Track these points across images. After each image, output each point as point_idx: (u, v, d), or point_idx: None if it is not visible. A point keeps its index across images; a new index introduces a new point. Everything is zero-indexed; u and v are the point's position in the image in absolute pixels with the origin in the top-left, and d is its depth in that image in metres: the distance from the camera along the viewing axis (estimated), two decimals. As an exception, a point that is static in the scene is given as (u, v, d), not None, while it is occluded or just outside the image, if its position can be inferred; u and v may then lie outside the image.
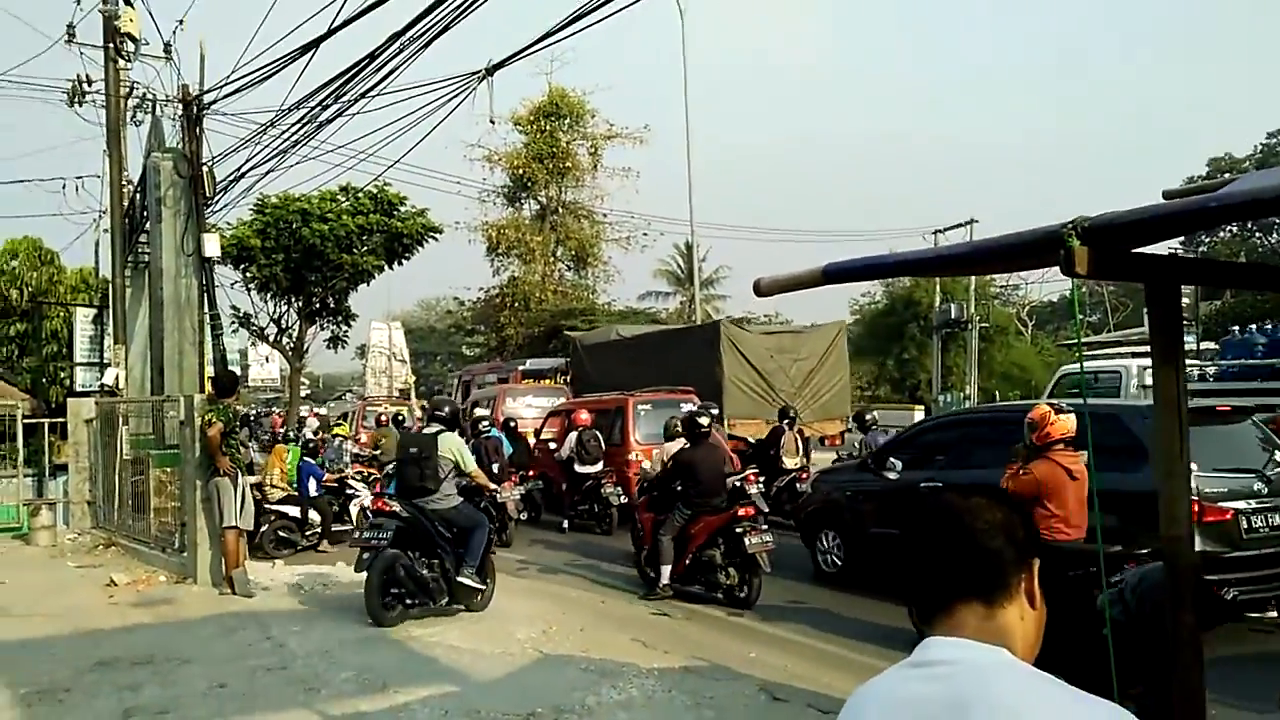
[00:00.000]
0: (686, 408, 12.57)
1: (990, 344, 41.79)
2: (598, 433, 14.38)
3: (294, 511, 12.76)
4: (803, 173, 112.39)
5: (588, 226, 39.08)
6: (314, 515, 12.86)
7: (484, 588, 8.54)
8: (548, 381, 22.34)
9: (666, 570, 9.28)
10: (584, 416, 14.46)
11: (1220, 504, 7.02)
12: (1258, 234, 46.86)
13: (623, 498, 13.53)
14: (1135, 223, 2.78)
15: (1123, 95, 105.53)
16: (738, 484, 9.51)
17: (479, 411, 14.96)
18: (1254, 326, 13.77)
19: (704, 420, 9.72)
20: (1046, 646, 1.45)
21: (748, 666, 6.81)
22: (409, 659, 6.99)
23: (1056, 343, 46.41)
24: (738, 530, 8.88)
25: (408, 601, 8.08)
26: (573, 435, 14.38)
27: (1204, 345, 15.24)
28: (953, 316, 37.08)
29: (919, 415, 27.81)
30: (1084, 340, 15.64)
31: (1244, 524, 7.02)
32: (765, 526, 9.03)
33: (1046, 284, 50.84)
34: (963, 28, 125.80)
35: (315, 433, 16.66)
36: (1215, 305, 29.61)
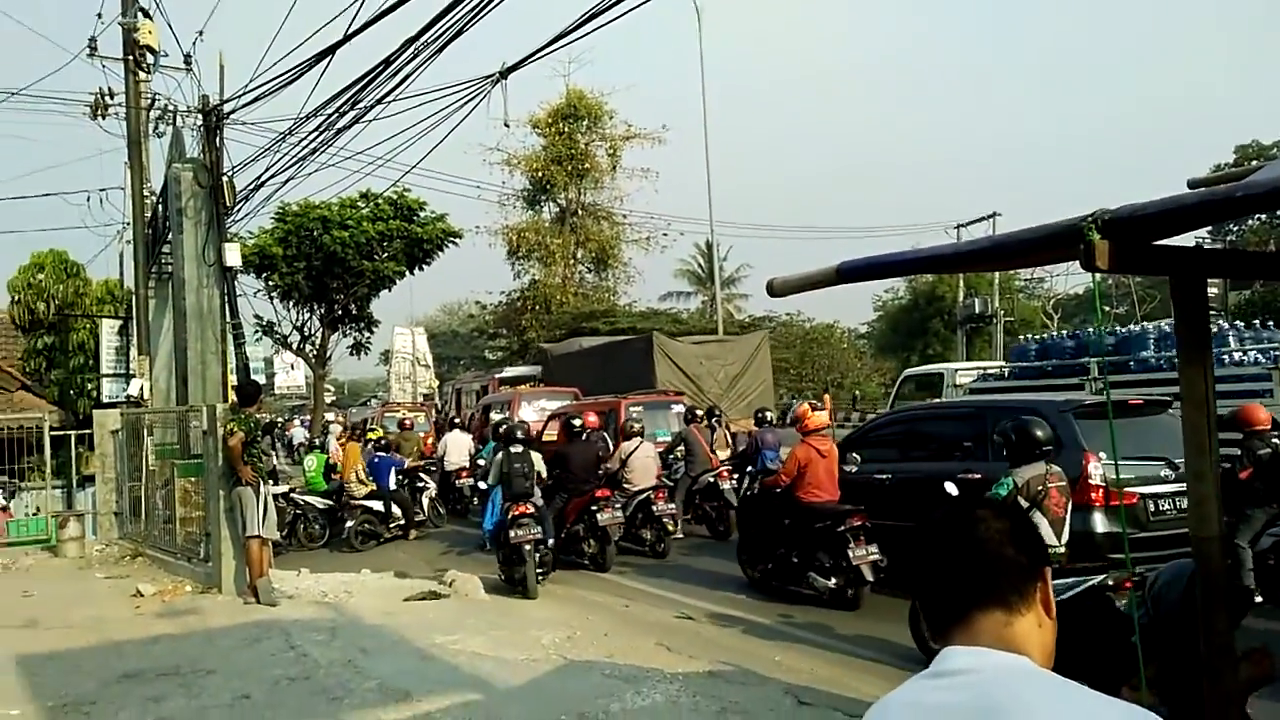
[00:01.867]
0: (677, 409, 14.76)
1: (1015, 338, 41.41)
2: (605, 434, 14.34)
3: (378, 506, 14.06)
4: (824, 169, 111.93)
5: (607, 228, 39.09)
6: (395, 509, 14.16)
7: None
8: (525, 387, 22.97)
9: (549, 542, 10.70)
10: (593, 419, 14.28)
11: (1128, 489, 7.76)
12: (1287, 221, 46.15)
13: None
14: (1156, 215, 2.70)
15: (1152, 84, 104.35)
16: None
17: (494, 416, 15.95)
18: (1026, 336, 16.74)
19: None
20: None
21: (773, 671, 6.74)
22: (432, 667, 6.98)
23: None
24: (594, 508, 11.03)
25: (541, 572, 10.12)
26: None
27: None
28: (977, 311, 36.84)
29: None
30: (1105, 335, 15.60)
31: (1150, 507, 7.84)
32: (618, 505, 11.27)
33: (1072, 276, 50.27)
34: (988, 19, 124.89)
35: (339, 439, 16.93)
36: (1244, 295, 29.16)
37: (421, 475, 15.46)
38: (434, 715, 5.83)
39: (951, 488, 7.32)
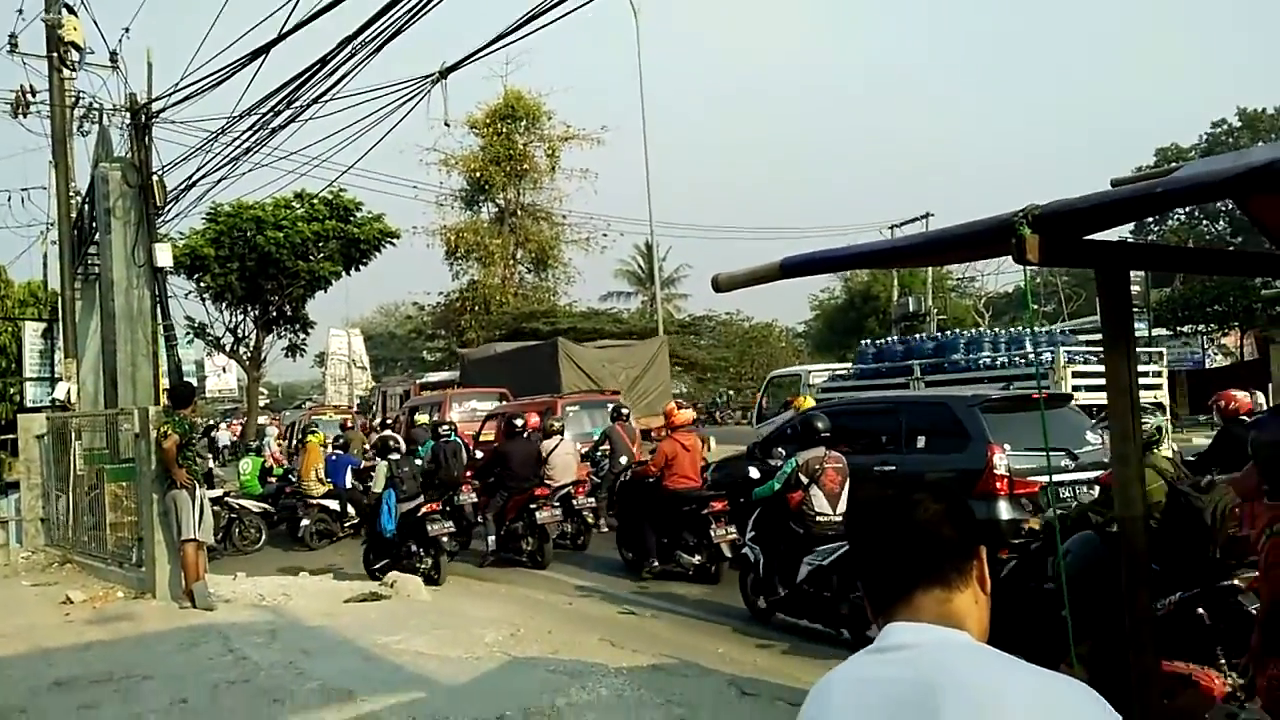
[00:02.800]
0: (611, 407, 15.49)
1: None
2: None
3: (334, 505, 14.36)
4: (761, 171, 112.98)
5: (547, 228, 38.98)
6: (350, 508, 14.36)
7: None
8: (454, 389, 24.16)
9: (492, 539, 11.67)
10: (535, 420, 14.32)
11: (1029, 478, 8.33)
12: (1204, 221, 47.80)
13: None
14: (1085, 209, 2.82)
15: (1073, 92, 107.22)
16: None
17: (419, 418, 16.88)
18: (865, 342, 18.68)
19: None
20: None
21: (716, 663, 6.82)
22: (375, 666, 6.92)
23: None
24: (532, 506, 11.27)
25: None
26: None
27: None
28: (911, 309, 37.48)
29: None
30: (1037, 330, 16.80)
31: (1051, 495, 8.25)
32: (557, 503, 11.51)
33: (1002, 275, 51.54)
34: (915, 28, 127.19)
35: (277, 441, 16.86)
36: (1165, 292, 30.13)
37: (372, 474, 15.55)
38: (378, 715, 5.79)
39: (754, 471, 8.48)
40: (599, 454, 14.12)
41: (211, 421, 25.51)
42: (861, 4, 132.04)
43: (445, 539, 10.54)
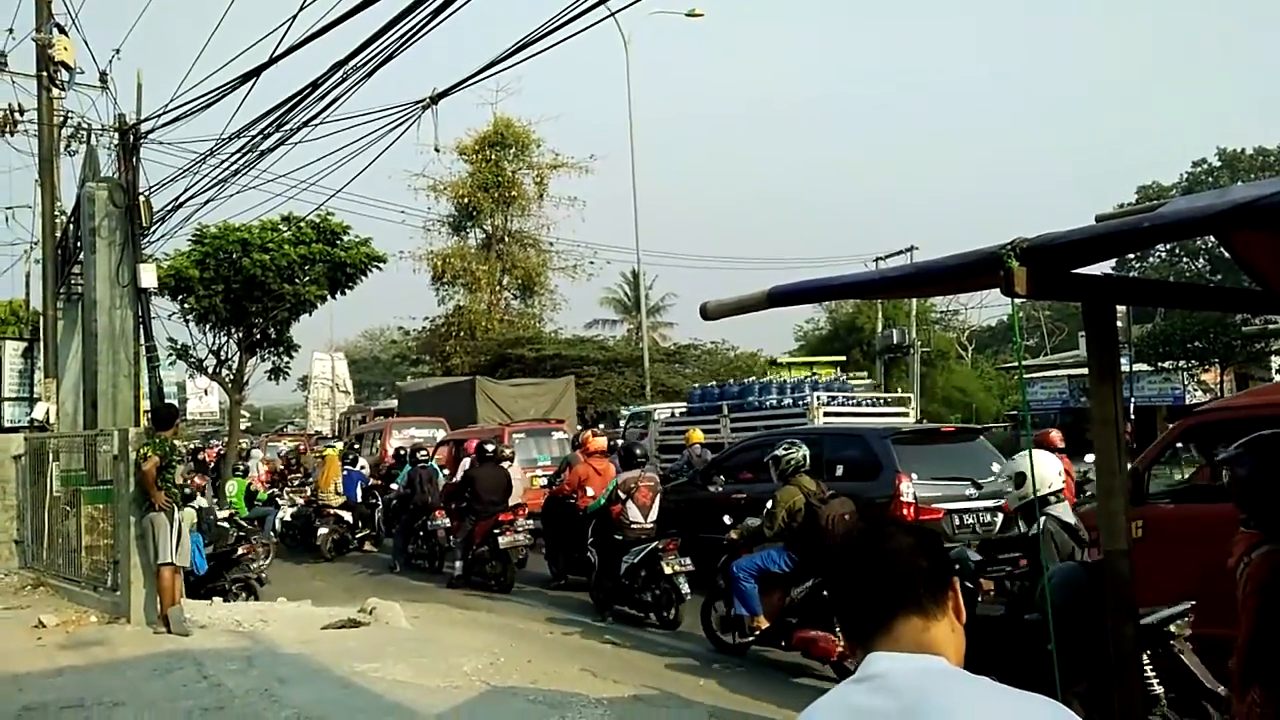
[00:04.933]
0: (558, 435, 16.97)
1: (932, 368, 42.45)
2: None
3: (349, 517, 15.08)
4: (750, 200, 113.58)
5: (534, 255, 38.96)
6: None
7: None
8: (395, 417, 26.33)
9: (459, 564, 12.00)
10: (471, 445, 14.70)
11: (934, 505, 8.96)
12: (1184, 259, 48.35)
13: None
14: (1073, 243, 2.84)
15: (1057, 128, 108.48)
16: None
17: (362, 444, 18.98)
18: (695, 386, 21.62)
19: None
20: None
21: (697, 693, 6.77)
22: (353, 695, 6.83)
23: (996, 366, 47.34)
24: (495, 531, 11.49)
25: None
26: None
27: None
28: (895, 341, 37.62)
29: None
30: (1023, 364, 17.83)
31: (955, 521, 8.99)
32: (520, 529, 11.68)
33: (985, 309, 51.92)
34: (906, 66, 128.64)
35: (264, 462, 17.29)
36: (1147, 328, 30.38)
37: (374, 493, 16.43)
38: (355, 744, 5.70)
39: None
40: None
41: (196, 445, 25.39)
42: (851, 38, 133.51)
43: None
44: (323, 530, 14.85)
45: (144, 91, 13.89)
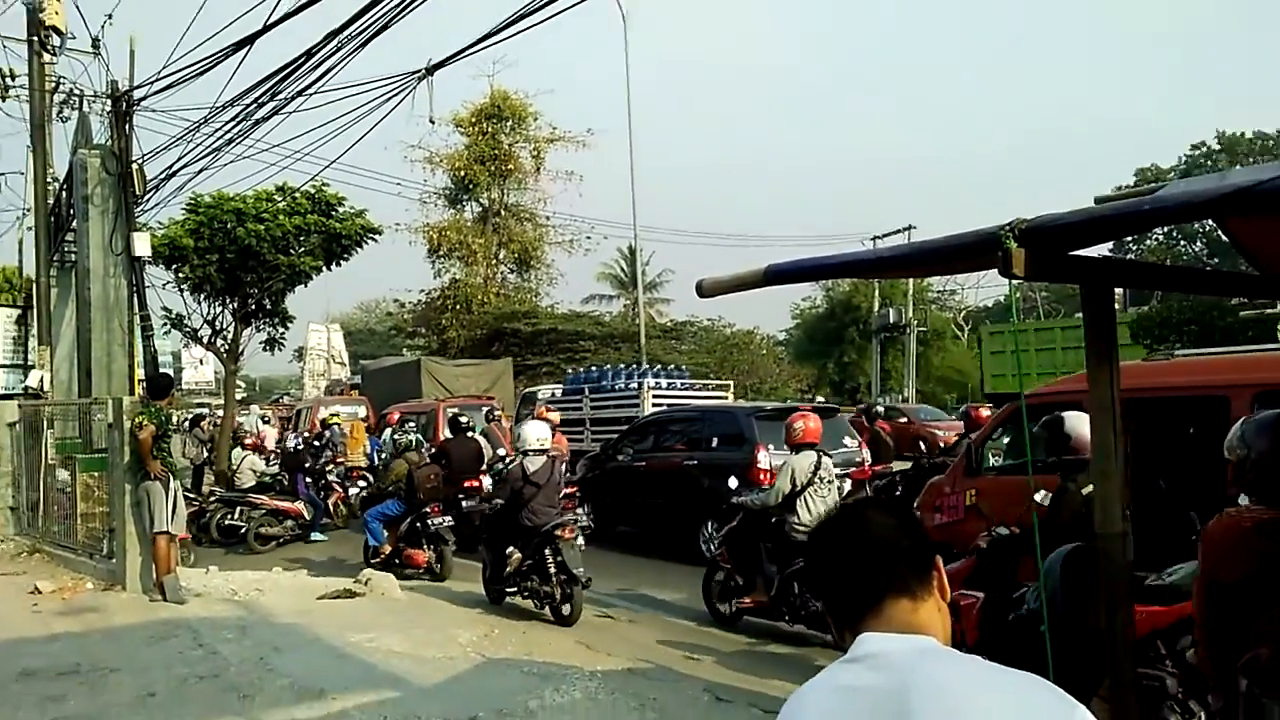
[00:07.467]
0: (485, 410, 17.80)
1: (928, 347, 42.53)
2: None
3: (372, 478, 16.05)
4: (747, 177, 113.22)
5: (530, 229, 38.78)
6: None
7: None
8: (354, 393, 29.11)
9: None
10: (395, 417, 16.80)
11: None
12: (1182, 242, 48.33)
13: None
14: (1071, 225, 2.83)
15: (1055, 109, 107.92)
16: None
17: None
18: (569, 370, 24.19)
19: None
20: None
21: (692, 668, 6.82)
22: (347, 664, 6.87)
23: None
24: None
25: None
26: None
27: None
28: (891, 321, 37.65)
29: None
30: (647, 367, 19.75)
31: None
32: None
33: (982, 289, 51.98)
34: (903, 43, 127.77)
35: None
36: (1142, 310, 30.40)
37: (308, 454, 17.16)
38: (349, 713, 5.74)
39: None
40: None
41: (198, 413, 25.22)
42: (853, 15, 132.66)
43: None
44: (353, 490, 16.28)
45: (136, 58, 13.72)
